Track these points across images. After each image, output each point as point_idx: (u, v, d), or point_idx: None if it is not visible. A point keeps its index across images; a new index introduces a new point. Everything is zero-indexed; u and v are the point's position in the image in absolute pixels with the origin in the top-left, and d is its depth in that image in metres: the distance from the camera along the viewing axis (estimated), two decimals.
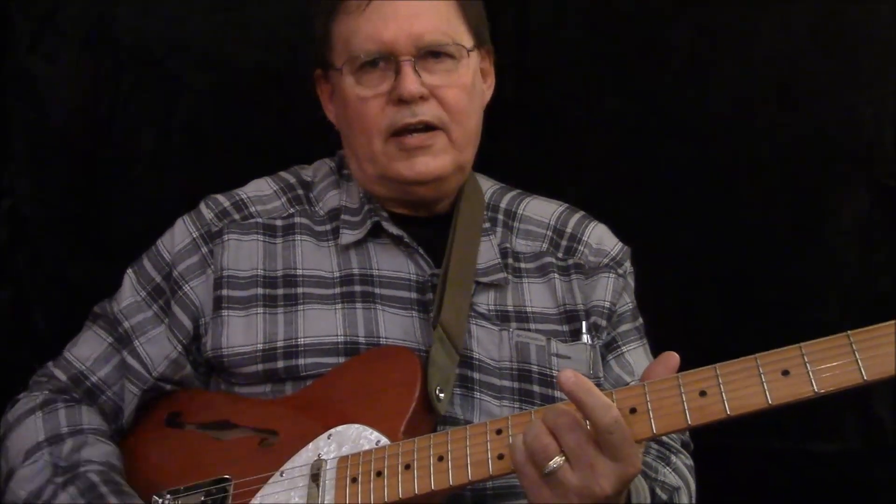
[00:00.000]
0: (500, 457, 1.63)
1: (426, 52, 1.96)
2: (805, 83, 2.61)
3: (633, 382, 2.01)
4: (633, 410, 1.55)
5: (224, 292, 1.97)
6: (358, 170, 2.06)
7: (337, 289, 1.98)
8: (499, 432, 1.65)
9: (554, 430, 1.55)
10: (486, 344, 1.96)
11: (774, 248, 2.63)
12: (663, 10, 2.63)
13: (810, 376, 1.48)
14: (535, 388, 1.96)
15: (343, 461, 1.75)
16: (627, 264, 2.13)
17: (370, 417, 1.80)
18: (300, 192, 2.11)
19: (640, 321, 2.12)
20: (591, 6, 2.65)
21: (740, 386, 1.51)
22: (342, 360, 1.91)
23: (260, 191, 2.10)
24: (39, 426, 1.93)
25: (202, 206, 2.07)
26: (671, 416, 1.53)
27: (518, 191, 2.20)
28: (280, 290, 1.98)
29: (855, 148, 2.61)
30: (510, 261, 2.06)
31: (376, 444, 1.76)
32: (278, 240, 2.03)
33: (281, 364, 1.92)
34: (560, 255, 2.09)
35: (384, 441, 1.76)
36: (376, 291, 1.98)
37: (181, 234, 2.05)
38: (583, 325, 2.02)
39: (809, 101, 2.60)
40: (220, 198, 2.08)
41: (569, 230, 2.12)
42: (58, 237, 2.58)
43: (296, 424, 1.85)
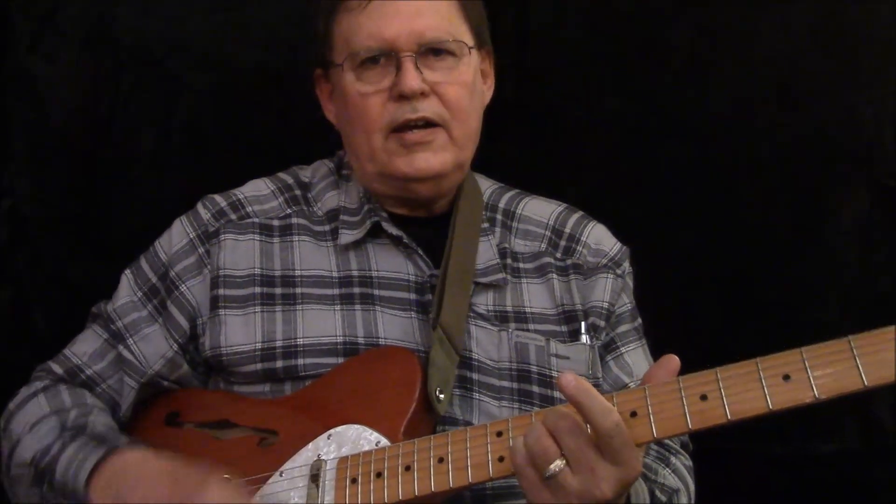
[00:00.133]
0: (501, 459, 1.63)
1: (427, 49, 1.96)
2: (805, 83, 2.61)
3: (631, 383, 2.01)
4: (633, 414, 1.55)
5: (221, 292, 1.97)
6: (357, 168, 2.06)
7: (336, 289, 1.98)
8: (499, 434, 1.65)
9: (554, 433, 1.55)
10: (485, 344, 1.96)
11: (774, 248, 2.63)
12: (663, 10, 2.63)
13: (811, 381, 1.48)
14: (534, 389, 1.96)
15: (343, 462, 1.76)
16: (626, 265, 2.13)
17: (370, 418, 1.80)
18: (298, 192, 2.11)
19: (638, 322, 2.12)
20: (591, 6, 2.65)
21: (741, 390, 1.51)
22: (341, 360, 1.91)
23: (257, 191, 2.10)
24: (44, 403, 1.93)
25: (199, 207, 2.07)
26: (672, 419, 1.53)
27: (517, 191, 2.20)
28: (278, 290, 1.98)
29: (855, 148, 2.61)
30: (509, 261, 2.06)
31: (376, 445, 1.76)
32: (275, 240, 2.03)
33: (280, 364, 1.92)
34: (559, 255, 2.09)
35: (384, 442, 1.76)
36: (375, 292, 1.97)
37: (178, 234, 2.05)
38: (581, 325, 2.02)
39: (809, 101, 2.61)
40: (217, 198, 2.08)
41: (567, 230, 2.12)
42: (58, 237, 2.58)
43: (295, 424, 1.85)
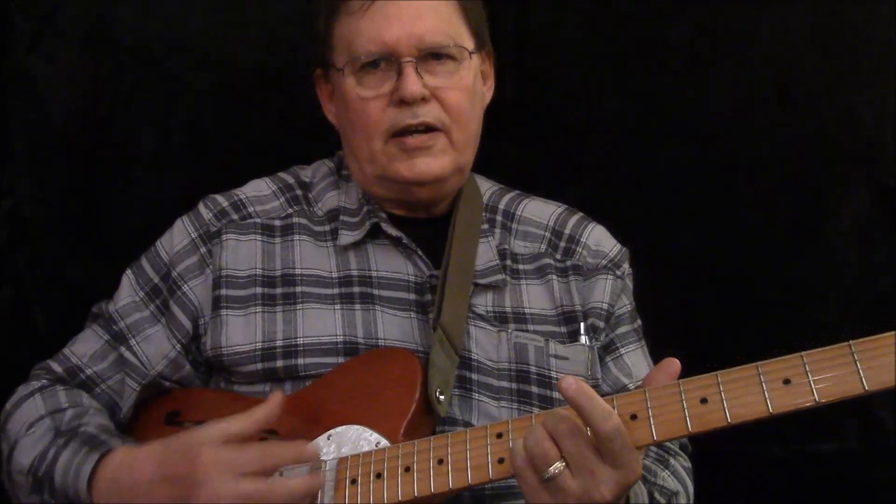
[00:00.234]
0: (501, 461, 1.64)
1: (428, 54, 1.96)
2: (805, 83, 2.61)
3: (631, 384, 2.01)
4: (633, 417, 1.55)
5: (222, 292, 1.97)
6: (357, 170, 2.06)
7: (336, 289, 1.98)
8: (499, 436, 1.65)
9: (554, 435, 1.55)
10: (485, 345, 1.96)
11: (774, 248, 2.63)
12: (663, 10, 2.62)
13: (811, 385, 1.48)
14: (534, 389, 1.96)
15: (342, 462, 1.76)
16: (626, 266, 2.13)
17: (370, 418, 1.80)
18: (299, 192, 2.11)
19: (638, 323, 2.12)
20: (591, 6, 2.65)
21: (741, 394, 1.51)
22: (341, 360, 1.91)
23: (258, 191, 2.10)
24: (40, 404, 1.93)
25: (201, 207, 2.07)
26: (672, 423, 1.54)
27: (517, 192, 2.20)
28: (279, 290, 1.98)
29: (855, 148, 2.61)
30: (508, 262, 2.06)
31: (376, 446, 1.76)
32: (277, 240, 2.03)
33: (280, 363, 1.92)
34: (558, 256, 2.09)
35: (384, 443, 1.76)
36: (375, 293, 1.98)
37: (180, 234, 2.05)
38: (581, 326, 2.02)
39: (809, 101, 2.60)
40: (219, 198, 2.08)
41: (567, 231, 2.12)
42: (58, 237, 2.57)
43: (295, 425, 1.84)
